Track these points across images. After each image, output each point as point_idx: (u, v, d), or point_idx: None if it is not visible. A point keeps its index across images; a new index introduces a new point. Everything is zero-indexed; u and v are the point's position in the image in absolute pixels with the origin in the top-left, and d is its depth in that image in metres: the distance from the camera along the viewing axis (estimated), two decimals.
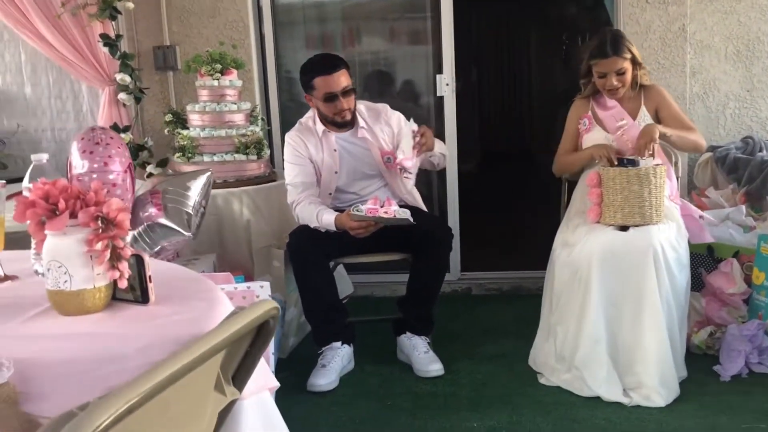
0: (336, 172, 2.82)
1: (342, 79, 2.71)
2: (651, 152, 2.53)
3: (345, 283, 3.36)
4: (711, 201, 3.05)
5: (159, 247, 2.47)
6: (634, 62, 2.67)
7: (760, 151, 3.18)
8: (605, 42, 2.64)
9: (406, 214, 2.52)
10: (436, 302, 2.82)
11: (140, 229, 2.44)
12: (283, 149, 2.87)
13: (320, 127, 2.81)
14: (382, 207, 2.53)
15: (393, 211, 2.52)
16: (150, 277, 1.30)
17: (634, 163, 2.52)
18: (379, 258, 2.81)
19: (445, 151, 2.96)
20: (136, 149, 3.48)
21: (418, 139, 2.68)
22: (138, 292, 1.31)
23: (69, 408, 0.77)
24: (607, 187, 2.55)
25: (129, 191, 2.22)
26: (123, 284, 1.26)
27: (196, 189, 2.76)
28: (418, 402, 2.50)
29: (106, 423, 0.71)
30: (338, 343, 2.72)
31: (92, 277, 1.25)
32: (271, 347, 2.31)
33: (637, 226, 2.51)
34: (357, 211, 2.53)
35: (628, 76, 2.66)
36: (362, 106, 2.89)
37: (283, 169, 2.88)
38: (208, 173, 2.85)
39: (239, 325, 0.96)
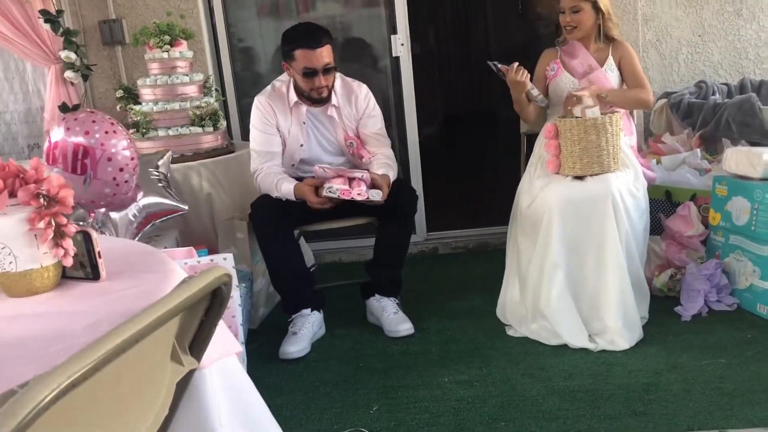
0: (301, 145, 2.78)
1: (324, 56, 2.62)
2: (575, 105, 2.59)
3: (307, 255, 3.35)
4: (667, 147, 3.09)
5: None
6: (597, 8, 2.71)
7: (713, 94, 3.21)
8: None
9: (378, 195, 2.54)
10: (403, 263, 2.83)
11: (135, 210, 2.43)
12: (251, 112, 2.80)
13: (293, 97, 2.74)
14: (354, 188, 2.53)
15: (366, 193, 2.53)
16: (99, 252, 1.27)
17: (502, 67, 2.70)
18: (345, 223, 2.80)
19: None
20: None
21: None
22: (88, 268, 1.28)
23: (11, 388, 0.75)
24: (565, 138, 2.56)
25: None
26: (68, 262, 1.23)
27: (163, 167, 2.73)
28: (390, 362, 2.52)
29: (48, 399, 0.70)
30: (308, 310, 2.72)
31: (38, 256, 1.22)
32: (239, 317, 2.30)
33: (595, 175, 2.54)
34: (330, 192, 2.52)
35: (584, 17, 2.70)
36: (338, 82, 2.79)
37: (242, 139, 2.83)
38: (169, 152, 2.82)
39: (187, 294, 0.94)
